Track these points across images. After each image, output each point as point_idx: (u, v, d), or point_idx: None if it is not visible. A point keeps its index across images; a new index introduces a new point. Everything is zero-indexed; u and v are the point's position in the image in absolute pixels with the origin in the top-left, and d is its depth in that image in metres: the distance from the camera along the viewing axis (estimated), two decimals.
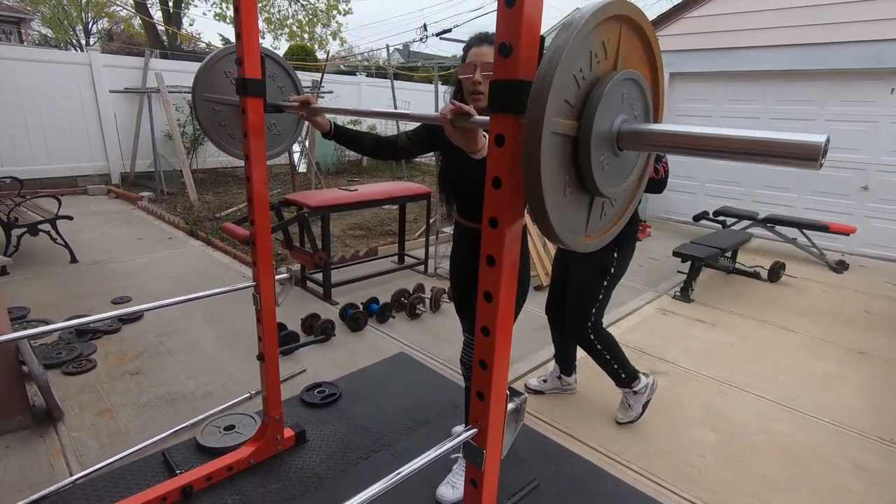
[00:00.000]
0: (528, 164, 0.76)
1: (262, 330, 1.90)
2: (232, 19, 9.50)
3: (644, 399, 2.42)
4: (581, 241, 0.92)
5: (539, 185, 0.77)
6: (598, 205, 0.94)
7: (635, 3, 0.88)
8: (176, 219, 5.80)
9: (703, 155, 0.78)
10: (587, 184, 0.86)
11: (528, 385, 2.70)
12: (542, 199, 0.78)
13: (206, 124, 1.78)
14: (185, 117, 7.98)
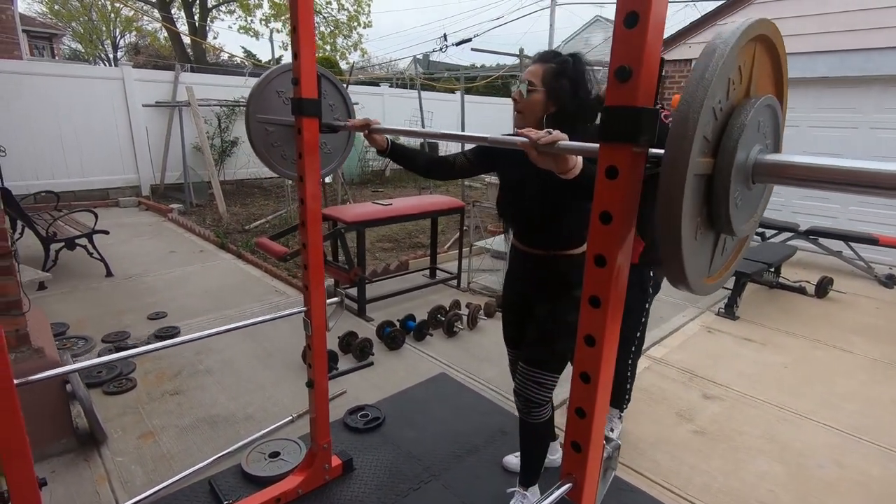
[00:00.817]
0: (668, 209, 0.68)
1: (312, 356, 1.84)
2: (255, 32, 9.68)
3: None
4: (704, 284, 0.83)
5: (678, 231, 0.68)
6: (722, 241, 0.85)
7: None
8: (206, 231, 5.83)
9: (854, 191, 0.69)
10: (719, 222, 0.77)
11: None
12: (681, 245, 0.69)
13: (259, 146, 1.73)
14: (213, 129, 8.08)
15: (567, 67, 1.51)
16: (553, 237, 1.63)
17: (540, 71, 1.52)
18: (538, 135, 1.04)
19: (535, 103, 1.53)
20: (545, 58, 1.56)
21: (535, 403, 1.70)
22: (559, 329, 1.66)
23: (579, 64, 1.53)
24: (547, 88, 1.51)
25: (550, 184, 1.51)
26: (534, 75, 1.53)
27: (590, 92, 1.55)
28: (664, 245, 0.71)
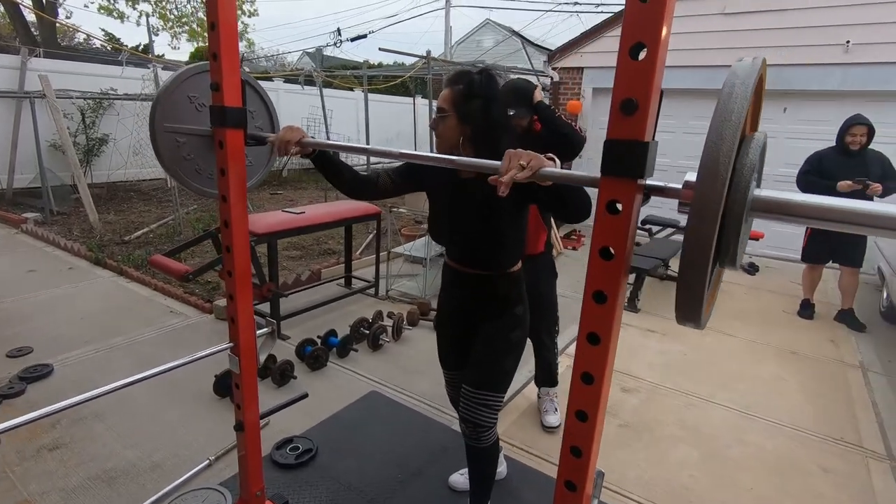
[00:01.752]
0: (699, 252, 0.65)
1: (241, 396, 1.62)
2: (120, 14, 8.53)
3: None
4: (704, 318, 0.83)
5: (706, 271, 0.66)
6: (716, 272, 0.86)
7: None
8: (75, 244, 5.03)
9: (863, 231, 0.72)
10: (726, 256, 0.77)
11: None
12: (706, 286, 0.68)
13: (168, 159, 1.48)
14: (76, 126, 7.02)
15: (475, 88, 1.50)
16: (493, 258, 1.60)
17: (449, 95, 1.53)
18: (510, 174, 0.97)
19: (449, 128, 1.53)
20: (454, 81, 1.55)
21: (483, 427, 1.64)
22: (504, 347, 1.65)
23: (490, 81, 1.52)
24: (458, 112, 1.51)
25: (490, 205, 1.51)
26: (444, 101, 1.53)
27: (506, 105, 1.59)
28: (688, 285, 0.69)
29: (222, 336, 3.39)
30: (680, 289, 0.70)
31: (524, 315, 1.70)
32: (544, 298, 2.46)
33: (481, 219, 1.54)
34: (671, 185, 0.82)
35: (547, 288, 2.49)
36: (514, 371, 1.69)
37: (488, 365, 1.65)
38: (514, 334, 1.67)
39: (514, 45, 20.06)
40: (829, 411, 2.87)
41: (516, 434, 2.51)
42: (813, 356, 3.57)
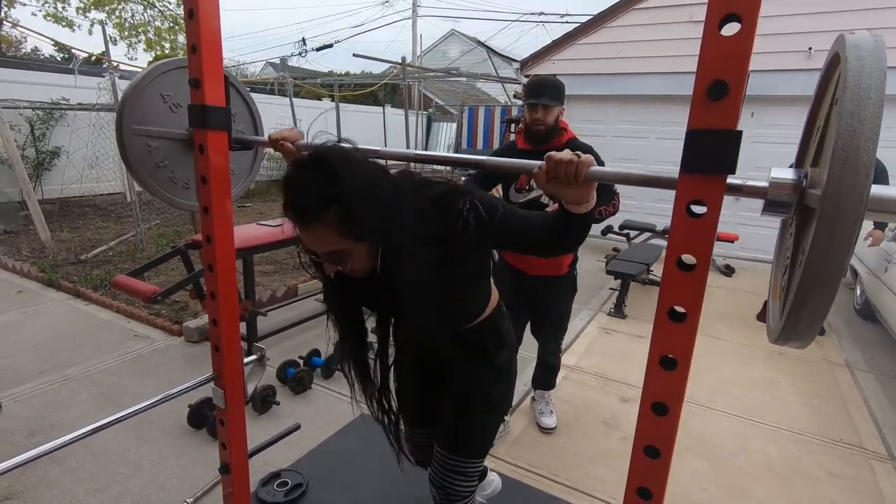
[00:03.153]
0: (831, 263, 0.54)
1: (227, 434, 1.43)
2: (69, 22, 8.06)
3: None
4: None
5: (834, 287, 0.55)
6: None
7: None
8: (24, 265, 4.64)
9: None
10: None
11: None
12: (830, 303, 0.56)
13: (138, 167, 1.29)
14: (24, 138, 6.56)
15: (347, 183, 0.91)
16: (451, 320, 1.24)
17: (331, 230, 0.94)
18: (558, 156, 0.85)
19: (361, 257, 1.01)
20: (313, 215, 0.93)
21: (458, 497, 1.35)
22: (484, 406, 1.33)
23: (344, 157, 0.95)
24: (359, 237, 0.97)
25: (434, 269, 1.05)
26: (329, 242, 0.96)
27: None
28: (809, 301, 0.57)
29: (194, 361, 3.14)
30: (797, 307, 0.58)
31: (509, 363, 1.36)
32: (560, 315, 2.43)
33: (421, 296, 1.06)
34: (755, 183, 0.71)
35: (564, 306, 2.41)
36: (496, 430, 1.40)
37: (465, 426, 1.33)
38: (497, 389, 1.34)
39: (480, 55, 20.23)
40: (825, 412, 2.86)
41: (521, 454, 2.38)
42: (800, 356, 3.59)
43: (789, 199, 0.68)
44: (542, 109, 2.04)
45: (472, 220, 1.03)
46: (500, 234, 1.07)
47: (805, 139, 0.81)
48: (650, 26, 6.38)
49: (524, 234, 1.06)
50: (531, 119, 2.07)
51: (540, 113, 2.04)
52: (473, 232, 1.03)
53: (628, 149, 6.96)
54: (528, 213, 1.10)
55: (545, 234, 1.03)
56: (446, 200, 1.06)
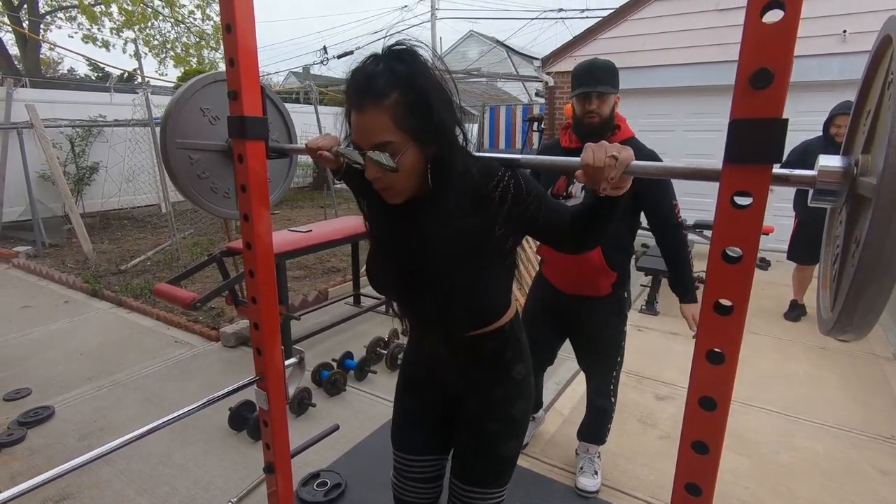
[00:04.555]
0: (892, 252, 0.53)
1: (270, 435, 1.47)
2: (105, 43, 8.37)
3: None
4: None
5: (894, 272, 0.54)
6: None
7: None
8: (70, 277, 4.85)
9: None
10: None
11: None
12: (890, 290, 0.55)
13: (182, 179, 1.35)
14: (65, 155, 6.86)
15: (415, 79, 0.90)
16: (474, 315, 1.11)
17: (387, 117, 0.90)
18: (599, 158, 0.85)
19: (407, 166, 0.94)
20: (378, 91, 0.89)
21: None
22: (504, 429, 1.20)
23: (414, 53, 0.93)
24: (414, 134, 0.93)
25: (464, 237, 1.02)
26: (382, 129, 0.91)
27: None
28: (877, 286, 0.56)
29: (232, 365, 3.23)
30: (853, 299, 0.57)
31: (526, 377, 1.23)
32: (606, 345, 2.07)
33: (458, 256, 1.02)
34: (803, 172, 0.70)
35: (608, 335, 2.05)
36: (517, 455, 1.26)
37: (484, 454, 1.20)
38: (517, 408, 1.20)
39: (499, 55, 20.20)
40: (873, 408, 2.75)
41: (556, 453, 2.36)
42: (844, 350, 3.46)
43: (839, 188, 0.67)
44: (597, 99, 1.73)
45: (511, 188, 1.00)
46: (533, 214, 1.03)
47: (853, 125, 0.79)
48: (674, 17, 6.25)
49: (556, 218, 1.04)
50: (584, 111, 1.77)
51: (595, 103, 1.73)
52: (510, 202, 1.00)
53: (655, 143, 6.71)
54: (560, 202, 1.10)
55: (575, 220, 1.02)
56: (489, 163, 1.03)
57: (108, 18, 14.93)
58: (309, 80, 9.55)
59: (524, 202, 1.02)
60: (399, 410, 1.36)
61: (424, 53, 0.94)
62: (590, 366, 2.15)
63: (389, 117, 0.90)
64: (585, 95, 1.75)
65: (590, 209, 0.99)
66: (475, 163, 1.02)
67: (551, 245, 1.12)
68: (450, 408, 1.29)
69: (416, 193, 1.02)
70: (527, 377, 1.25)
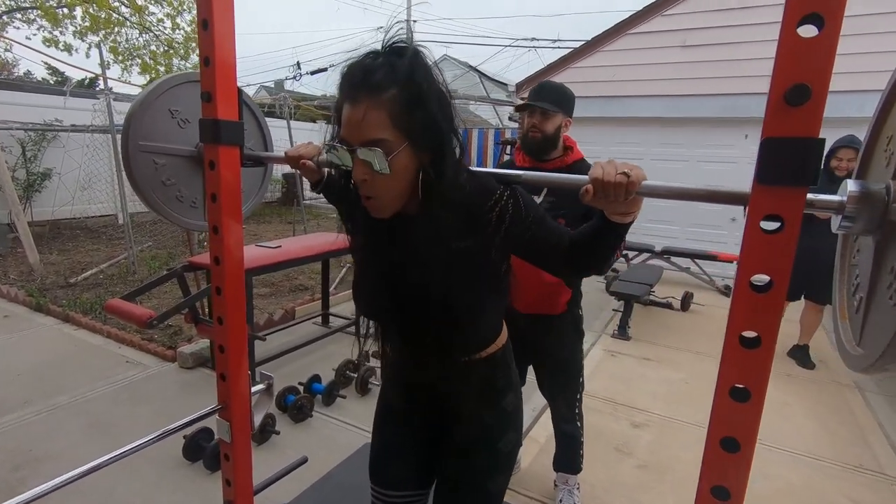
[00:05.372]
0: None
1: (232, 470, 1.33)
2: (67, 46, 8.03)
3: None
4: None
5: None
6: None
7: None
8: (11, 289, 4.50)
9: None
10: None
11: None
12: None
13: (145, 185, 1.23)
14: (15, 159, 6.46)
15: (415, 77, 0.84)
16: (470, 339, 1.05)
17: (383, 112, 0.83)
18: (609, 173, 0.80)
19: (399, 171, 0.87)
20: (375, 84, 0.83)
21: None
22: (492, 463, 1.12)
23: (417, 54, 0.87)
24: (409, 138, 0.85)
25: (456, 257, 0.93)
26: (376, 125, 0.83)
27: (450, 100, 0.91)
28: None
29: (189, 388, 3.01)
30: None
31: (517, 408, 1.16)
32: (566, 366, 2.01)
33: (442, 281, 0.94)
34: (831, 197, 0.66)
35: (566, 353, 2.00)
36: (505, 490, 1.18)
37: (471, 489, 1.12)
38: (505, 441, 1.12)
39: (472, 80, 20.56)
40: (841, 436, 2.79)
41: (532, 484, 2.27)
42: (809, 378, 3.53)
43: (870, 215, 0.63)
44: (540, 114, 1.75)
45: (510, 209, 0.93)
46: (532, 237, 0.96)
47: (868, 152, 0.76)
48: (643, 50, 6.49)
49: (555, 242, 0.96)
50: (527, 125, 1.78)
51: (537, 118, 1.75)
52: (508, 223, 0.93)
53: None
54: (559, 225, 1.04)
55: (577, 244, 0.95)
56: (486, 182, 0.95)
57: (70, 22, 14.42)
58: (283, 93, 9.42)
59: (523, 223, 0.95)
60: (378, 441, 1.26)
61: (427, 54, 0.88)
62: (553, 392, 2.08)
63: (385, 113, 0.83)
64: (530, 110, 1.76)
65: (593, 233, 0.93)
66: (471, 178, 0.95)
67: (547, 269, 1.06)
68: (433, 439, 1.20)
69: (405, 209, 0.95)
70: (517, 408, 1.17)
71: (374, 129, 0.83)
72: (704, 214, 6.52)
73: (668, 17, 6.30)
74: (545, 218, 0.99)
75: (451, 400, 1.12)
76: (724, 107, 6.16)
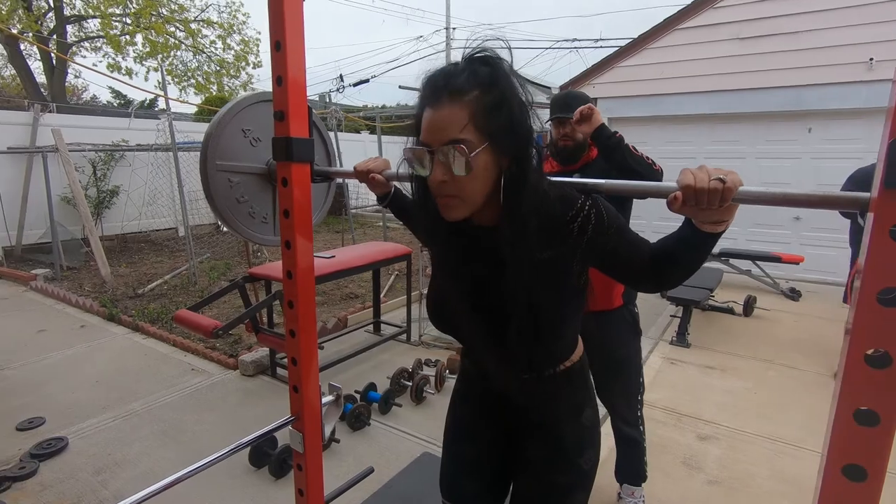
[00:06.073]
0: None
1: (305, 480, 1.35)
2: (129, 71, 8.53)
3: None
4: None
5: None
6: None
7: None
8: (86, 300, 4.81)
9: None
10: None
11: None
12: None
13: (221, 203, 1.27)
14: (87, 178, 6.93)
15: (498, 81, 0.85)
16: (548, 352, 1.02)
17: (465, 114, 0.83)
18: (702, 179, 0.76)
19: (479, 173, 0.85)
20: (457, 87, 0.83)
21: None
22: (572, 481, 1.09)
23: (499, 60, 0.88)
24: (490, 140, 0.84)
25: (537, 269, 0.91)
26: (458, 126, 0.83)
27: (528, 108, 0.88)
28: None
29: (251, 395, 3.11)
30: None
31: (595, 424, 1.13)
32: (624, 364, 1.97)
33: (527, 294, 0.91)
34: None
35: (628, 351, 1.98)
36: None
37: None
38: (586, 457, 1.09)
39: None
40: None
41: (600, 499, 2.19)
42: None
43: None
44: (570, 124, 1.84)
45: (592, 219, 0.90)
46: (614, 248, 0.92)
47: None
48: (694, 45, 6.25)
49: (637, 253, 0.93)
50: (559, 135, 1.89)
51: (568, 128, 1.85)
52: (590, 234, 0.90)
53: (675, 171, 6.73)
54: (640, 236, 1.00)
55: (661, 256, 0.91)
56: (566, 191, 0.92)
57: (131, 48, 15.41)
58: (330, 105, 9.69)
59: (605, 234, 0.92)
60: (450, 455, 1.25)
61: (507, 64, 0.88)
62: (611, 393, 2.04)
63: (467, 113, 0.83)
64: (561, 121, 1.89)
65: (680, 244, 0.88)
66: (551, 187, 0.93)
67: (627, 282, 1.02)
68: (507, 454, 1.18)
69: (485, 220, 0.95)
70: (596, 423, 1.14)
71: (455, 129, 0.83)
72: (765, 214, 6.19)
73: (719, 9, 6.05)
74: (627, 228, 0.95)
75: (528, 415, 1.10)
76: (784, 100, 5.85)
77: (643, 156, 1.78)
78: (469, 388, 1.21)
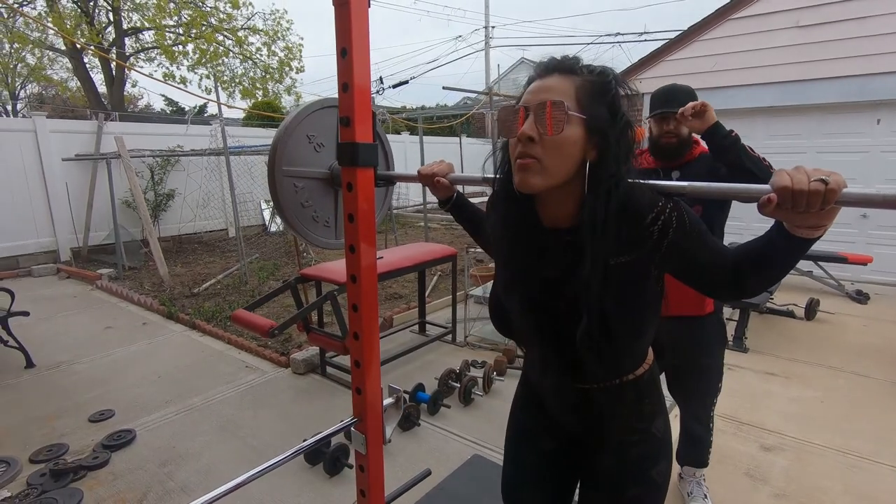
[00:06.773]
0: None
1: (367, 481, 1.37)
2: (183, 79, 8.90)
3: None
4: None
5: None
6: None
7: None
8: (147, 298, 5.06)
9: None
10: None
11: None
12: None
13: (287, 208, 1.30)
14: (145, 183, 7.30)
15: (612, 82, 0.88)
16: (621, 360, 0.98)
17: (571, 86, 0.86)
18: (801, 181, 0.71)
19: (568, 143, 0.84)
20: (568, 66, 0.88)
21: None
22: (645, 493, 1.06)
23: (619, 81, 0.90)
24: (588, 114, 0.85)
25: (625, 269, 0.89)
26: (560, 92, 0.85)
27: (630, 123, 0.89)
28: None
29: (303, 394, 3.19)
30: None
31: (666, 434, 1.08)
32: (706, 371, 1.95)
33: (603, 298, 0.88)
34: None
35: (710, 357, 1.95)
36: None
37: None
38: (658, 468, 1.06)
39: None
40: None
41: None
42: None
43: None
44: (676, 120, 1.76)
45: (673, 222, 0.87)
46: (694, 253, 0.88)
47: None
48: (748, 36, 5.97)
49: (718, 259, 0.88)
50: (661, 131, 1.81)
51: (673, 124, 1.77)
52: (670, 237, 0.87)
53: None
54: (719, 242, 0.95)
55: (745, 262, 0.85)
56: (646, 192, 0.89)
57: (184, 57, 16.13)
58: (380, 108, 9.86)
59: (686, 238, 0.88)
60: (512, 464, 1.23)
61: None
62: (688, 394, 2.04)
63: (573, 87, 0.86)
64: (664, 116, 1.80)
65: (768, 250, 0.82)
66: (632, 188, 0.89)
67: (704, 290, 0.97)
68: (572, 465, 1.16)
69: (560, 221, 0.94)
70: (667, 433, 1.09)
71: (556, 93, 0.85)
72: None
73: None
74: (707, 233, 0.91)
75: (596, 424, 1.07)
76: (849, 90, 5.50)
77: (760, 157, 1.67)
78: (534, 395, 1.19)
